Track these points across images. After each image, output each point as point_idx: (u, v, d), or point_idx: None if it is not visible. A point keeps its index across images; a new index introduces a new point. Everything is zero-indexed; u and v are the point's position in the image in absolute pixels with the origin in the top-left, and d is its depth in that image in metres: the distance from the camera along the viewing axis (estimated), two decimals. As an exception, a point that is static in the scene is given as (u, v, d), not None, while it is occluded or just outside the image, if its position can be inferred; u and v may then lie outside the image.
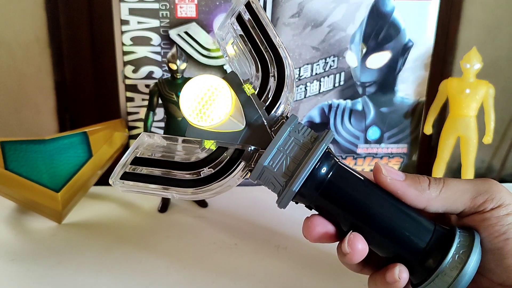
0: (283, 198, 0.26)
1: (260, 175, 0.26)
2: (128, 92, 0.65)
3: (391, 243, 0.26)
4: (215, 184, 0.27)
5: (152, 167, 0.28)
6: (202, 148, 0.28)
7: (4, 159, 0.52)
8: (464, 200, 0.26)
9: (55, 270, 0.45)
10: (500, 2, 0.70)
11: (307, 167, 0.25)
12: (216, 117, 0.27)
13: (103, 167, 0.60)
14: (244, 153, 0.27)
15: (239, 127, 0.28)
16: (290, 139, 0.26)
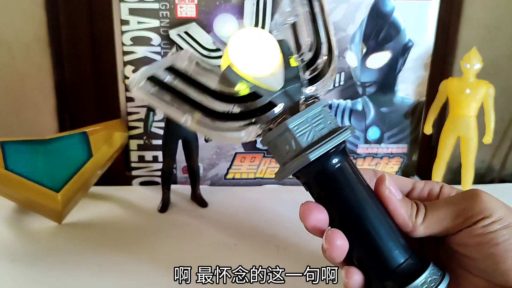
0: (293, 164, 0.26)
1: (280, 135, 0.26)
2: (128, 92, 0.65)
3: (365, 252, 0.26)
4: (234, 125, 0.27)
5: (185, 82, 0.27)
6: (232, 87, 0.28)
7: (4, 159, 0.52)
8: (446, 223, 0.26)
9: (55, 270, 0.45)
10: (500, 2, 0.70)
11: (331, 144, 0.26)
12: (262, 67, 0.27)
13: (103, 167, 0.60)
14: (272, 109, 0.27)
15: (275, 88, 0.27)
16: (320, 116, 0.26)
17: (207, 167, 0.69)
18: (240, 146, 0.68)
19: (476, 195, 0.26)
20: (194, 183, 0.63)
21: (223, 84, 0.27)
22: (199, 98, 0.27)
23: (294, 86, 0.28)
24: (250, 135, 0.28)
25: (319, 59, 0.29)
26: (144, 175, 0.69)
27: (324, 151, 0.25)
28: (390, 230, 0.26)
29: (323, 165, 0.26)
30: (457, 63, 0.72)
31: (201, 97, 0.27)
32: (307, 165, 0.26)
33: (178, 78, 0.27)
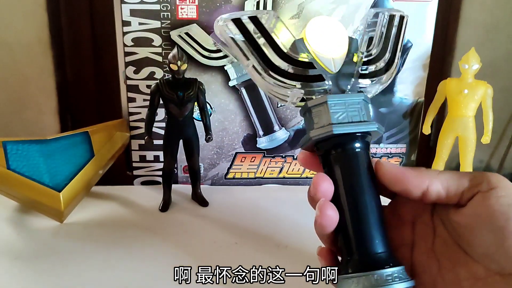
0: (317, 131, 0.29)
1: (317, 106, 0.29)
2: (129, 93, 0.65)
3: (351, 230, 0.28)
4: (285, 82, 0.31)
5: (262, 33, 0.31)
6: (298, 54, 0.31)
7: (6, 159, 0.52)
8: (463, 181, 0.26)
9: (57, 268, 0.46)
10: (499, 3, 0.70)
11: (355, 128, 0.28)
12: (327, 49, 0.31)
13: (104, 166, 0.61)
14: (320, 82, 0.31)
15: (330, 70, 0.31)
16: (357, 105, 0.29)
17: (208, 167, 0.69)
18: (240, 146, 0.69)
19: (489, 173, 0.26)
20: (194, 182, 0.63)
21: (291, 48, 0.31)
22: (266, 50, 0.31)
23: (346, 77, 0.31)
24: (294, 97, 0.31)
25: (377, 65, 0.33)
26: (145, 174, 0.70)
27: (347, 131, 0.28)
28: (379, 222, 0.28)
29: (343, 143, 0.29)
30: (456, 63, 0.72)
31: (268, 50, 0.31)
32: (329, 137, 0.28)
33: (257, 28, 0.31)
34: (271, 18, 0.32)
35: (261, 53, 0.31)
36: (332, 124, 0.28)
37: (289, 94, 0.31)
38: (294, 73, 0.31)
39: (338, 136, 0.28)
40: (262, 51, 0.31)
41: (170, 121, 0.59)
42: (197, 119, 0.63)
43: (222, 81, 0.65)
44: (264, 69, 0.31)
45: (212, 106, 0.66)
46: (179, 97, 0.57)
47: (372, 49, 0.33)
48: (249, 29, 0.31)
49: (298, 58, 0.31)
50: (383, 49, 0.33)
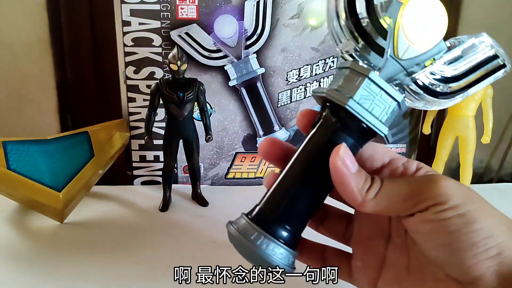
0: (334, 92, 0.26)
1: (355, 72, 0.26)
2: (129, 93, 0.66)
3: (277, 192, 0.28)
4: (353, 31, 0.27)
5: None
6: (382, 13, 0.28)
7: (6, 159, 0.52)
8: (396, 204, 0.25)
9: (57, 268, 0.46)
10: (499, 3, 0.70)
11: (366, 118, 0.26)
12: (416, 35, 0.28)
13: (104, 166, 0.61)
14: (377, 55, 0.27)
15: (397, 53, 0.27)
16: (387, 102, 0.26)
17: (208, 167, 0.69)
18: (240, 146, 0.69)
19: (435, 180, 0.24)
20: (194, 182, 0.63)
21: (384, 3, 0.28)
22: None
23: (402, 71, 0.28)
24: (345, 47, 0.28)
25: (442, 86, 0.29)
26: (145, 174, 0.70)
27: (357, 116, 0.25)
28: (303, 205, 0.27)
29: (343, 122, 0.26)
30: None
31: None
32: (336, 106, 0.26)
33: None
34: None
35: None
36: (352, 98, 0.25)
37: (342, 42, 0.28)
38: (361, 26, 0.27)
39: (346, 112, 0.26)
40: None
41: (170, 121, 0.59)
42: (197, 119, 0.63)
43: (222, 81, 0.65)
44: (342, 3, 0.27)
45: (212, 106, 0.66)
46: (179, 97, 0.57)
47: (450, 68, 0.30)
48: None
49: (379, 18, 0.27)
50: (458, 77, 0.29)
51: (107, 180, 0.64)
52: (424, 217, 0.24)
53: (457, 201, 0.23)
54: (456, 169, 0.68)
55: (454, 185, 0.24)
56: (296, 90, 0.67)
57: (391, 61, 0.27)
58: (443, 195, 0.24)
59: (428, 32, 0.28)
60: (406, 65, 0.28)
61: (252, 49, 0.65)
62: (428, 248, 0.25)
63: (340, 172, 0.25)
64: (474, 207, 0.23)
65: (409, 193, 0.25)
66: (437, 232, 0.24)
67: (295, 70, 0.66)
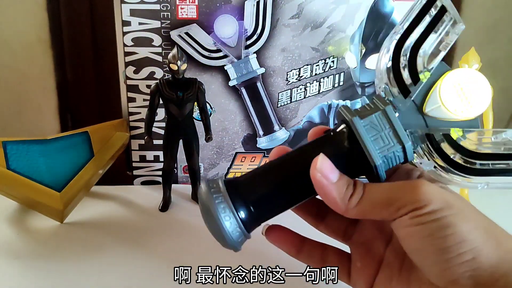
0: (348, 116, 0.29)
1: (378, 99, 0.29)
2: (129, 93, 0.65)
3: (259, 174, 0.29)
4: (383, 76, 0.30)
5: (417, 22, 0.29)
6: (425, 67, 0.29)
7: (6, 159, 0.52)
8: (378, 211, 0.25)
9: (57, 268, 0.46)
10: (499, 3, 0.70)
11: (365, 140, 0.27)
12: (452, 104, 0.28)
13: (104, 166, 0.61)
14: (403, 99, 0.28)
15: (426, 111, 0.28)
16: (393, 147, 0.26)
17: (208, 167, 0.69)
18: (240, 146, 0.69)
19: (416, 185, 0.24)
20: (194, 182, 0.63)
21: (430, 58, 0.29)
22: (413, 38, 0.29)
23: (424, 126, 0.28)
24: (379, 84, 0.30)
25: (454, 170, 0.28)
26: (145, 174, 0.70)
27: (357, 133, 0.27)
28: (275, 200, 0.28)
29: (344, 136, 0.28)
30: (456, 63, 0.72)
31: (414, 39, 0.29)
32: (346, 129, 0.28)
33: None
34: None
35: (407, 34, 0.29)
36: (359, 117, 0.27)
37: (377, 80, 0.30)
38: (397, 72, 0.29)
39: (351, 127, 0.27)
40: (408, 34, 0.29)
41: (170, 121, 0.59)
42: (197, 119, 0.63)
43: (222, 81, 0.65)
44: (389, 50, 0.30)
45: (212, 106, 0.66)
46: (179, 97, 0.57)
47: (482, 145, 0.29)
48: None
49: (419, 72, 0.28)
50: (484, 156, 0.27)
51: (107, 180, 0.64)
52: (403, 222, 0.24)
53: (435, 206, 0.23)
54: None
55: (434, 191, 0.24)
56: (296, 90, 0.66)
57: (414, 111, 0.28)
58: (422, 201, 0.24)
59: (464, 103, 0.28)
60: (429, 122, 0.28)
61: (252, 49, 0.65)
62: (408, 252, 0.25)
63: (320, 184, 0.26)
64: (452, 211, 0.23)
65: (391, 199, 0.25)
66: (413, 237, 0.24)
67: (295, 70, 0.66)
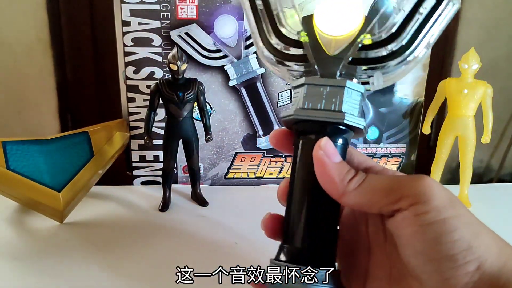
0: (285, 113, 0.27)
1: (297, 87, 0.28)
2: (129, 93, 0.66)
3: (293, 222, 0.27)
4: (276, 59, 0.29)
5: (265, 9, 0.30)
6: (298, 32, 0.30)
7: (6, 159, 0.52)
8: (378, 197, 0.24)
9: (57, 268, 0.46)
10: (499, 3, 0.70)
11: (316, 116, 0.26)
12: (332, 30, 0.28)
13: (104, 166, 0.61)
14: (308, 63, 0.28)
15: (329, 51, 0.28)
16: (336, 93, 0.26)
17: (208, 167, 0.69)
18: (240, 146, 0.69)
19: (418, 177, 0.23)
20: (194, 182, 0.63)
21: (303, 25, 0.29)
22: (264, 27, 0.30)
23: (341, 60, 0.28)
24: (286, 75, 0.30)
25: (385, 48, 0.28)
26: (145, 174, 0.70)
27: (305, 118, 0.26)
28: (321, 221, 0.27)
29: (302, 130, 0.27)
30: (456, 63, 0.72)
31: (266, 25, 0.30)
32: (293, 122, 0.27)
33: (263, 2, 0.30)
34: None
35: (259, 25, 0.29)
36: (297, 109, 0.26)
37: (279, 72, 0.30)
38: (288, 55, 0.29)
39: (300, 122, 0.26)
40: (260, 22, 0.29)
41: (170, 121, 0.59)
42: (197, 119, 0.63)
43: (222, 81, 0.65)
44: (257, 42, 0.29)
45: (212, 106, 0.66)
46: (179, 97, 0.57)
47: (386, 29, 0.29)
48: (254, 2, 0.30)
49: (300, 36, 0.29)
50: (397, 32, 0.28)
51: (107, 180, 0.64)
52: (405, 218, 0.23)
53: (438, 203, 0.22)
54: (456, 169, 0.68)
55: (438, 186, 0.23)
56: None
57: (325, 60, 0.28)
58: (425, 194, 0.23)
59: (343, 18, 0.28)
60: (343, 54, 0.28)
61: (252, 49, 0.65)
62: (408, 255, 0.24)
63: (321, 162, 0.25)
64: (455, 212, 0.23)
65: (392, 187, 0.24)
66: (417, 238, 0.23)
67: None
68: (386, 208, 0.24)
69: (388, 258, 0.27)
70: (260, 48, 0.30)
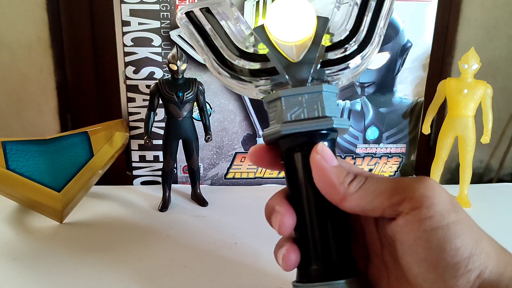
0: (268, 131, 0.27)
1: (272, 101, 0.27)
2: (129, 93, 0.66)
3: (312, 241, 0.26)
4: (238, 79, 0.29)
5: (214, 27, 0.29)
6: (254, 45, 0.29)
7: (5, 159, 0.52)
8: (381, 199, 0.23)
9: (56, 269, 0.46)
10: (499, 3, 0.70)
11: (306, 127, 0.26)
12: (290, 35, 0.28)
13: (104, 166, 0.61)
14: (278, 75, 0.28)
15: (293, 59, 0.28)
16: (316, 98, 0.26)
17: (207, 167, 0.69)
18: (240, 146, 0.69)
19: (422, 179, 0.23)
20: (194, 182, 0.63)
21: (255, 39, 0.29)
22: (217, 43, 0.29)
23: (308, 66, 0.27)
24: (252, 93, 0.29)
25: (348, 47, 0.28)
26: (145, 174, 0.70)
27: (297, 130, 0.25)
28: (338, 231, 0.26)
29: (293, 144, 0.26)
30: (456, 63, 0.72)
31: (218, 42, 0.29)
32: (281, 137, 0.26)
33: (209, 20, 0.29)
34: (226, 8, 0.29)
35: (212, 46, 0.29)
36: (283, 123, 0.26)
37: (246, 91, 0.29)
38: (244, 68, 0.28)
39: (289, 136, 0.26)
40: (213, 44, 0.28)
41: (169, 121, 0.59)
42: (196, 119, 0.63)
43: (222, 81, 0.65)
44: (215, 63, 0.29)
45: (212, 106, 0.66)
46: (179, 97, 0.57)
47: (343, 28, 0.29)
48: (201, 22, 0.29)
49: (257, 50, 0.28)
50: (355, 27, 0.29)
51: (107, 180, 0.64)
52: (408, 223, 0.23)
53: (442, 207, 0.22)
54: (456, 169, 0.68)
55: (439, 189, 0.23)
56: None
57: (292, 68, 0.27)
58: (429, 198, 0.22)
59: (298, 22, 0.28)
60: (307, 59, 0.27)
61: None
62: (410, 262, 0.23)
63: (319, 166, 0.25)
64: (458, 217, 0.22)
65: (395, 189, 0.23)
66: (420, 245, 0.22)
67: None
68: (388, 210, 0.23)
69: (385, 267, 0.26)
70: (222, 73, 0.29)
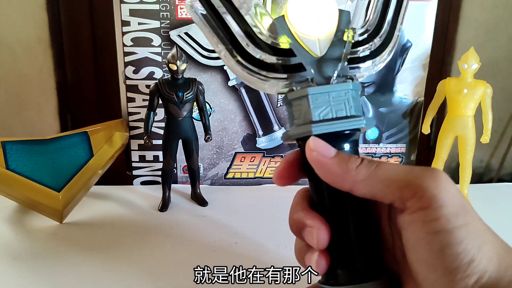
0: (296, 130, 0.26)
1: (298, 99, 0.26)
2: (129, 93, 0.66)
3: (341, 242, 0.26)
4: (260, 73, 0.27)
5: (233, 15, 0.26)
6: (276, 38, 0.27)
7: (5, 159, 0.52)
8: (392, 189, 0.23)
9: (56, 269, 0.46)
10: (498, 3, 0.70)
11: (338, 127, 0.25)
12: (312, 28, 0.26)
13: (104, 166, 0.61)
14: (301, 72, 0.26)
15: (315, 53, 0.26)
16: (343, 96, 0.25)
17: (207, 167, 0.69)
18: (240, 146, 0.69)
19: (435, 176, 0.22)
20: (194, 182, 0.63)
21: (269, 31, 0.27)
22: (239, 35, 0.26)
23: (333, 62, 0.26)
24: (272, 89, 0.27)
25: (374, 43, 0.27)
26: (145, 174, 0.70)
27: (330, 130, 0.25)
28: (369, 236, 0.25)
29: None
30: (455, 63, 0.72)
31: (241, 35, 0.26)
32: (305, 138, 0.25)
33: (228, 8, 0.26)
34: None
35: (231, 36, 0.26)
36: (312, 123, 0.25)
37: (266, 86, 0.27)
38: (271, 64, 0.26)
39: (318, 136, 0.25)
40: (232, 34, 0.26)
41: (169, 121, 0.59)
42: (196, 119, 0.63)
43: (222, 81, 0.65)
44: (234, 56, 0.26)
45: (212, 106, 0.66)
46: (179, 97, 0.57)
47: (368, 23, 0.28)
48: (219, 11, 0.26)
49: (277, 43, 0.26)
50: (379, 22, 0.28)
51: (107, 180, 0.64)
52: (413, 223, 0.22)
53: (449, 210, 0.22)
54: (456, 169, 0.68)
55: (451, 188, 0.22)
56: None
57: (316, 63, 0.26)
58: (438, 199, 0.22)
59: (320, 16, 0.27)
60: (331, 54, 0.26)
61: (252, 49, 0.65)
62: (413, 259, 0.23)
63: (319, 163, 0.24)
64: (465, 220, 0.22)
65: (407, 182, 0.23)
66: (422, 246, 0.22)
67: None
68: (398, 201, 0.23)
69: (397, 264, 0.26)
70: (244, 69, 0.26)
